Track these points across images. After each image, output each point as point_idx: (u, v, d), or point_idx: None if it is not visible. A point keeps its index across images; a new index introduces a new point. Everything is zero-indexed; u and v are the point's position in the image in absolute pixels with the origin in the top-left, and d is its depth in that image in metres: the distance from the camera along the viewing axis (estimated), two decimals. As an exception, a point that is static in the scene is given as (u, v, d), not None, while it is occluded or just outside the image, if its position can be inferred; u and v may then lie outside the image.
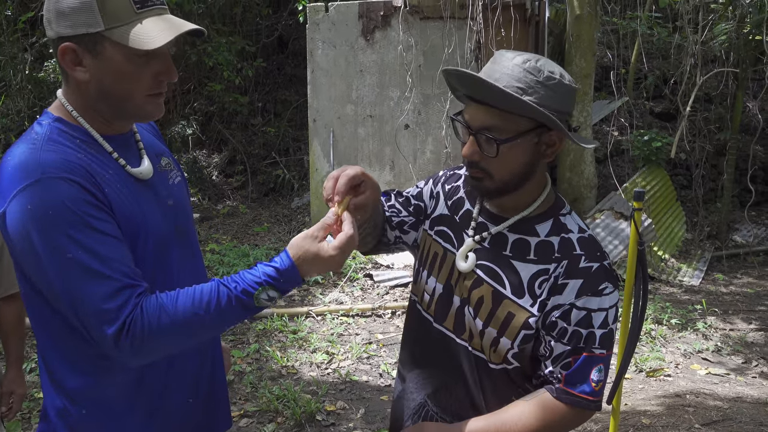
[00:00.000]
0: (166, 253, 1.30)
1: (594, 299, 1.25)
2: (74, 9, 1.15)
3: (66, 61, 1.19)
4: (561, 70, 1.26)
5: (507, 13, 6.19)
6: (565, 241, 1.30)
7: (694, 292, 6.08)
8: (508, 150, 1.24)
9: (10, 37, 9.74)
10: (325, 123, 6.96)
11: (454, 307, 1.39)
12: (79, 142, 1.22)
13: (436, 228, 1.47)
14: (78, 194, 1.13)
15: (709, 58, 8.25)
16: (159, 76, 1.23)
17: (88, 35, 1.16)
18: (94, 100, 1.23)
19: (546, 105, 1.21)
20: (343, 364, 4.34)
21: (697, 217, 7.83)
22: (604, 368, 1.27)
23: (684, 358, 4.54)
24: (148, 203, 1.28)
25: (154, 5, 1.20)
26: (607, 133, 8.38)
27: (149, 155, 1.35)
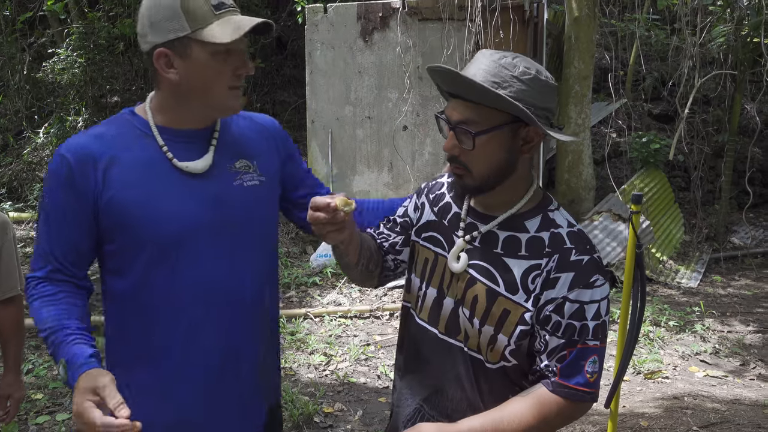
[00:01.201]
0: (193, 239, 1.43)
1: (586, 291, 1.27)
2: (164, 18, 1.34)
3: (160, 64, 1.38)
4: (538, 67, 1.28)
5: (506, 14, 6.19)
6: (555, 235, 1.31)
7: (692, 293, 6.08)
8: (485, 143, 1.27)
9: (8, 38, 9.73)
10: (324, 124, 6.96)
11: (447, 309, 1.39)
12: (134, 130, 1.44)
13: (424, 235, 1.48)
14: (56, 176, 1.40)
15: (707, 60, 8.26)
16: (237, 71, 1.40)
17: (177, 39, 1.35)
18: (184, 98, 1.42)
19: (521, 99, 1.24)
20: (341, 365, 4.33)
21: (695, 219, 7.83)
22: (599, 359, 1.29)
23: (682, 360, 4.54)
24: (182, 194, 1.42)
25: (229, 8, 1.38)
26: (606, 134, 8.39)
27: (223, 154, 1.48)
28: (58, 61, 9.13)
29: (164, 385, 1.47)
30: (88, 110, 9.27)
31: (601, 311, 1.29)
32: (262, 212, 1.54)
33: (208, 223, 1.44)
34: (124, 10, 8.96)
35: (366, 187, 6.94)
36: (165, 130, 1.45)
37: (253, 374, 1.55)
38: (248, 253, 1.51)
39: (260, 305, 1.56)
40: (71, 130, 9.11)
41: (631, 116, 8.58)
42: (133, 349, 1.47)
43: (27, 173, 9.30)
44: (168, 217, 1.40)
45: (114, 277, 1.47)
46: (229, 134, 1.53)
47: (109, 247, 1.45)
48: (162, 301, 1.43)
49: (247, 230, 1.50)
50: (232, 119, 1.56)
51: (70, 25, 9.24)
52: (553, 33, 7.80)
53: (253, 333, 1.54)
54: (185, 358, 1.45)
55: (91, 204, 1.40)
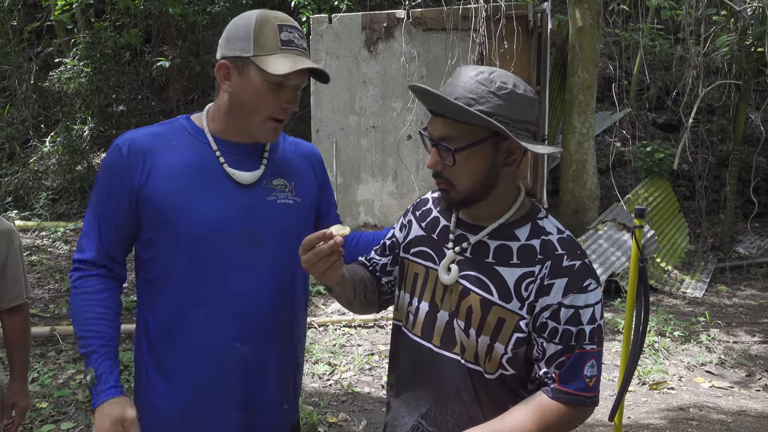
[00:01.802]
0: (220, 243, 1.52)
1: (580, 296, 1.29)
2: (237, 38, 1.48)
3: (220, 74, 1.52)
4: (516, 81, 1.30)
5: (510, 24, 6.22)
6: (546, 242, 1.33)
7: (697, 303, 6.06)
8: (465, 158, 1.29)
9: (15, 47, 9.80)
10: (328, 133, 6.98)
11: (442, 322, 1.39)
12: (187, 134, 1.56)
13: (412, 250, 1.49)
14: (111, 167, 1.53)
15: (711, 69, 8.26)
16: (284, 103, 1.50)
17: (240, 57, 1.47)
18: (229, 110, 1.54)
19: (498, 114, 1.26)
20: (345, 375, 4.33)
21: (700, 228, 7.82)
22: (596, 363, 1.30)
23: (687, 371, 4.53)
24: (223, 198, 1.52)
25: (296, 47, 1.49)
26: (610, 144, 8.40)
27: (266, 170, 1.59)
28: (64, 71, 9.20)
29: (178, 377, 1.55)
30: (94, 119, 9.34)
31: (596, 315, 1.30)
32: (291, 230, 1.60)
33: (234, 231, 1.52)
34: (130, 20, 9.03)
35: (370, 197, 6.95)
36: (217, 139, 1.57)
37: (273, 381, 1.61)
38: (269, 265, 1.56)
39: (278, 318, 1.60)
40: (77, 138, 9.17)
41: (635, 125, 8.58)
42: (159, 331, 1.56)
43: (33, 182, 9.36)
44: (202, 217, 1.50)
45: (147, 265, 1.57)
46: (277, 154, 1.64)
47: (146, 236, 1.55)
48: (188, 297, 1.52)
49: (272, 244, 1.57)
50: (280, 140, 1.68)
51: (77, 34, 9.32)
52: (556, 43, 7.83)
53: (264, 341, 1.59)
54: (204, 350, 1.53)
55: (135, 193, 1.51)
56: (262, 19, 1.47)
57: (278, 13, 1.50)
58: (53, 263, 6.84)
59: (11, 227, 2.18)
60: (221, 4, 8.08)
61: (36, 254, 7.14)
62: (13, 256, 2.15)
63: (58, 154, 9.26)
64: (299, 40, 1.50)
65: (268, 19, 1.47)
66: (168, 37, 9.78)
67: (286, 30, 1.48)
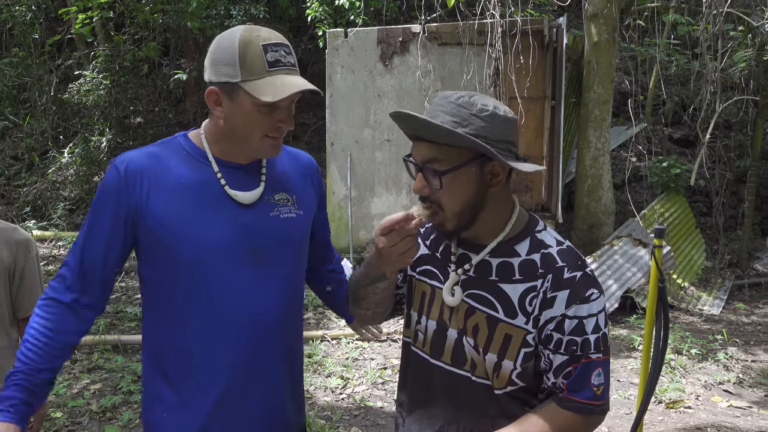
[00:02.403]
0: (228, 262, 1.51)
1: (583, 306, 1.30)
2: (222, 62, 1.44)
3: (210, 100, 1.49)
4: (496, 103, 1.32)
5: (525, 39, 6.23)
6: (546, 256, 1.35)
7: (714, 321, 5.99)
8: (451, 181, 1.31)
9: (37, 60, 9.97)
10: (343, 146, 7.01)
11: (451, 340, 1.41)
12: (185, 154, 1.54)
13: (419, 269, 1.51)
14: (111, 181, 1.50)
15: (728, 85, 8.21)
16: (278, 123, 1.48)
17: (229, 83, 1.44)
18: (225, 133, 1.51)
19: (481, 135, 1.28)
20: (358, 389, 4.32)
21: (717, 244, 7.73)
22: (603, 372, 1.32)
23: (705, 390, 4.46)
24: (225, 218, 1.51)
25: (284, 66, 1.45)
26: (625, 159, 8.35)
27: (266, 186, 1.57)
28: (84, 83, 9.33)
29: (187, 395, 1.54)
30: (111, 131, 9.45)
31: (600, 324, 1.32)
32: (294, 243, 1.62)
33: (236, 249, 1.51)
34: (149, 33, 9.16)
35: (384, 210, 6.95)
36: (217, 159, 1.55)
37: (274, 396, 1.61)
38: (275, 280, 1.57)
39: (284, 330, 1.61)
40: (95, 150, 9.28)
41: (651, 141, 8.53)
42: (168, 353, 1.55)
43: (51, 192, 9.47)
44: (204, 240, 1.48)
45: (151, 286, 1.56)
46: (275, 169, 1.63)
47: (146, 257, 1.54)
48: (190, 318, 1.52)
49: (276, 259, 1.57)
50: (278, 156, 1.64)
51: (97, 47, 9.46)
52: (572, 58, 7.82)
53: (274, 356, 1.60)
54: (209, 371, 1.53)
55: (132, 213, 1.49)
56: (246, 42, 1.42)
57: (261, 31, 1.45)
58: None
59: (28, 237, 2.21)
60: (238, 18, 8.17)
61: (53, 264, 7.20)
62: (30, 266, 2.18)
63: (76, 165, 9.37)
64: (286, 57, 1.46)
65: (251, 41, 1.42)
66: (186, 51, 9.90)
67: (271, 50, 1.43)
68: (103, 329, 5.08)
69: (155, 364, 1.58)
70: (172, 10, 8.34)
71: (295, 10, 9.46)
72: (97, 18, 8.57)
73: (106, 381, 4.30)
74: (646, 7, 7.99)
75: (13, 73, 10.26)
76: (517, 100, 6.38)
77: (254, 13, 8.37)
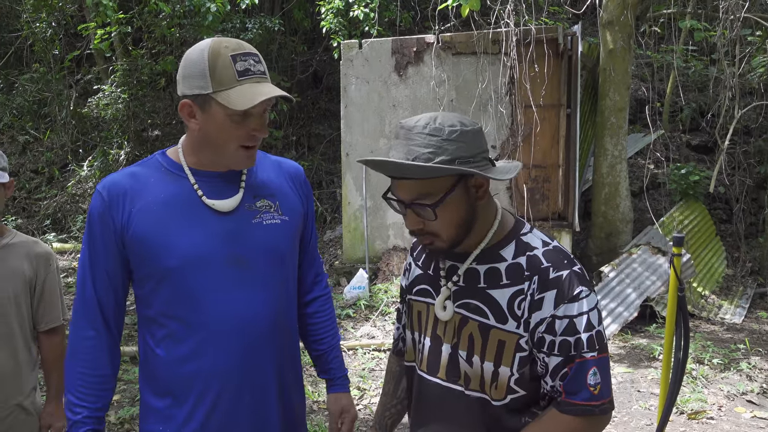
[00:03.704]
0: (210, 270, 1.53)
1: (572, 305, 1.29)
2: (193, 75, 1.47)
3: (184, 113, 1.51)
4: (460, 119, 1.32)
5: (540, 48, 6.21)
6: (531, 258, 1.34)
7: (736, 330, 5.89)
8: (444, 210, 1.31)
9: (56, 75, 10.12)
10: (358, 157, 7.03)
11: (445, 355, 1.42)
12: (164, 170, 1.57)
13: (414, 290, 1.53)
14: (94, 212, 1.55)
15: (746, 90, 8.12)
16: (252, 131, 1.50)
17: (201, 95, 1.46)
18: (200, 145, 1.54)
19: (459, 156, 1.28)
20: (375, 400, 4.30)
21: (738, 252, 7.62)
22: (599, 370, 1.30)
23: (727, 400, 4.38)
24: (205, 227, 1.53)
25: (254, 75, 1.47)
26: (643, 166, 8.27)
27: (247, 194, 1.59)
28: (102, 97, 9.46)
29: (180, 405, 1.56)
30: (130, 144, 9.56)
31: (593, 321, 1.30)
32: (280, 249, 1.62)
33: (217, 257, 1.53)
34: (166, 47, 9.27)
35: (400, 219, 6.95)
36: (194, 171, 1.57)
37: (266, 405, 1.62)
38: (261, 288, 1.58)
39: (276, 336, 1.62)
40: (113, 163, 9.39)
41: (669, 147, 8.45)
42: (160, 364, 1.57)
43: (70, 205, 9.59)
44: (184, 249, 1.51)
45: (142, 304, 1.59)
46: (256, 176, 1.64)
47: (136, 275, 1.57)
48: (183, 330, 1.54)
49: (261, 266, 1.58)
50: (259, 161, 1.66)
51: (115, 62, 9.59)
52: (587, 65, 7.79)
53: (268, 362, 1.61)
54: (200, 381, 1.55)
55: (120, 235, 1.53)
56: (215, 53, 1.45)
57: (230, 42, 1.47)
58: (88, 285, 6.96)
59: (49, 250, 2.23)
60: (254, 31, 8.25)
61: (72, 276, 7.28)
62: (50, 279, 2.20)
63: (95, 178, 9.49)
64: (256, 65, 1.48)
65: (220, 52, 1.45)
66: (202, 64, 9.99)
67: (240, 59, 1.45)
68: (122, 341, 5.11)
69: (149, 376, 1.60)
70: (189, 24, 8.44)
71: (310, 22, 9.53)
72: (116, 33, 8.70)
73: (124, 392, 4.32)
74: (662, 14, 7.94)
75: (33, 89, 10.43)
76: (532, 108, 6.35)
77: (269, 25, 8.45)
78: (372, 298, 6.27)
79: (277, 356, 1.62)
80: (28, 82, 10.51)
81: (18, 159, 10.81)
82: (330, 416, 1.80)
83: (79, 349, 1.58)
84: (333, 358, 1.85)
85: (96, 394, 1.57)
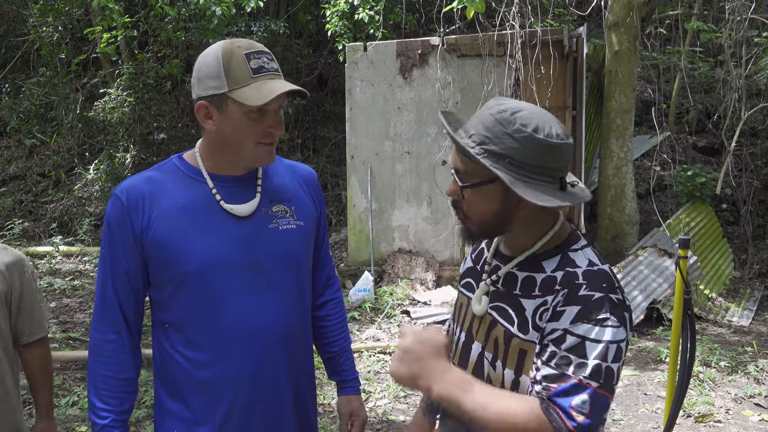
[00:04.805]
0: (227, 275, 1.53)
1: (592, 328, 1.17)
2: (208, 76, 1.48)
3: (200, 115, 1.52)
4: (540, 124, 1.22)
5: (545, 50, 6.20)
6: (569, 273, 1.27)
7: (743, 332, 5.85)
8: (472, 195, 1.28)
9: (63, 79, 10.17)
10: (363, 159, 7.03)
11: (475, 354, 1.40)
12: (181, 174, 1.57)
13: (462, 282, 1.52)
14: (113, 216, 1.53)
15: (753, 92, 8.08)
16: (269, 128, 1.50)
17: (217, 96, 1.47)
18: (218, 146, 1.54)
19: (512, 156, 1.21)
20: (380, 402, 4.29)
21: (745, 254, 7.58)
22: (590, 403, 1.14)
23: (735, 403, 4.35)
24: (223, 231, 1.53)
25: (268, 72, 1.49)
26: (649, 168, 8.25)
27: (263, 198, 1.60)
28: (108, 100, 9.50)
29: (197, 409, 1.56)
30: (136, 147, 9.59)
31: (608, 355, 1.16)
32: (295, 254, 1.63)
33: (234, 262, 1.54)
34: (171, 51, 9.30)
35: (405, 222, 6.95)
36: (212, 175, 1.57)
37: (281, 409, 1.62)
38: (277, 292, 1.59)
39: (292, 341, 1.63)
40: (119, 166, 9.42)
41: (675, 149, 8.42)
42: (176, 368, 1.58)
43: (77, 208, 9.62)
44: (202, 254, 1.51)
45: (160, 308, 1.59)
46: (271, 180, 1.65)
47: (154, 279, 1.57)
48: (201, 334, 1.54)
49: (278, 271, 1.59)
50: (274, 166, 1.67)
51: (121, 66, 9.62)
52: (592, 67, 7.77)
53: (283, 367, 1.61)
54: (216, 385, 1.55)
55: (139, 239, 1.52)
56: (228, 53, 1.47)
57: (242, 42, 1.50)
58: (94, 288, 6.97)
59: (20, 256, 2.05)
60: (259, 34, 8.26)
61: (78, 279, 7.30)
62: (27, 288, 2.02)
63: (101, 181, 9.52)
64: (269, 63, 1.50)
65: (233, 52, 1.47)
66: (208, 67, 10.02)
67: (254, 57, 1.47)
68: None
69: (165, 379, 1.60)
70: (194, 27, 8.47)
71: (315, 25, 9.55)
72: (122, 37, 8.73)
73: (130, 395, 4.33)
74: (667, 15, 7.92)
75: (40, 93, 10.48)
76: (537, 110, 6.33)
77: (274, 28, 8.46)
78: (377, 300, 6.26)
79: (292, 360, 1.63)
80: (35, 86, 10.56)
81: (25, 162, 10.86)
82: (341, 418, 1.80)
83: (102, 352, 1.57)
84: (345, 360, 1.85)
85: (121, 397, 1.57)
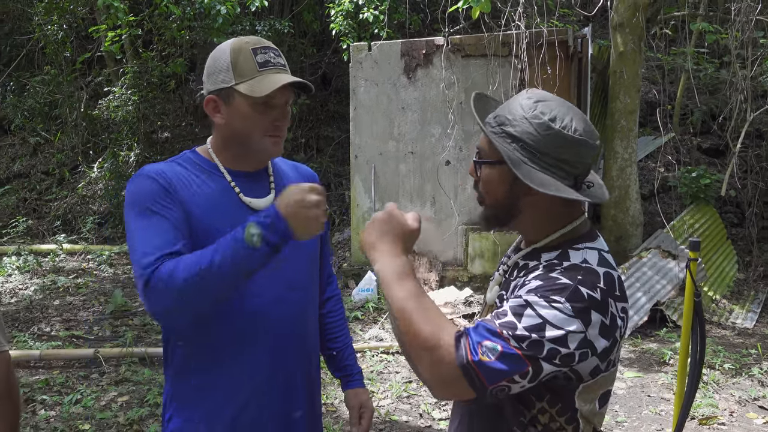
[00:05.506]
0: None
1: (539, 301, 1.14)
2: (217, 70, 1.54)
3: (209, 109, 1.57)
4: (561, 115, 1.23)
5: (550, 50, 6.19)
6: (552, 263, 1.26)
7: (747, 335, 5.83)
8: (485, 173, 1.31)
9: (67, 77, 10.19)
10: (367, 159, 7.02)
11: None
12: (198, 167, 1.58)
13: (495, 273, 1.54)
14: (151, 189, 1.48)
15: (758, 93, 8.06)
16: (275, 122, 1.55)
17: (224, 89, 1.53)
18: (228, 140, 1.58)
19: (525, 141, 1.23)
20: (383, 402, 4.28)
21: (750, 256, 7.55)
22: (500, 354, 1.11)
23: (739, 406, 4.34)
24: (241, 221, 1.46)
25: (274, 66, 1.54)
26: (653, 169, 8.23)
27: (278, 194, 1.52)
28: (113, 99, 9.51)
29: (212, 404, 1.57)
30: (139, 145, 9.60)
31: (546, 333, 1.13)
32: (306, 251, 1.67)
33: None
34: (176, 50, 9.30)
35: (409, 222, 6.93)
36: (228, 170, 1.60)
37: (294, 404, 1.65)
38: (291, 289, 1.62)
39: (307, 333, 1.68)
40: (123, 164, 9.43)
41: (680, 150, 8.40)
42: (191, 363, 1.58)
43: (81, 206, 9.64)
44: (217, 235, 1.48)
45: None
46: (281, 180, 1.69)
47: None
48: (212, 328, 1.55)
49: (297, 264, 1.63)
50: (280, 164, 1.73)
51: (126, 64, 9.64)
52: (597, 68, 7.75)
53: (299, 361, 1.65)
54: (232, 381, 1.57)
55: (185, 209, 1.49)
56: (237, 48, 1.53)
57: (250, 38, 1.56)
58: (98, 286, 7.00)
59: None
60: (263, 33, 8.26)
61: (82, 277, 7.31)
62: None
63: (105, 180, 9.54)
64: (276, 58, 1.55)
65: (242, 47, 1.53)
66: (212, 66, 10.02)
67: (261, 52, 1.53)
68: (131, 342, 5.13)
69: (179, 372, 1.61)
70: (199, 26, 8.48)
71: (319, 25, 9.54)
72: (126, 36, 8.74)
73: (133, 393, 4.33)
74: (673, 16, 7.90)
75: (44, 91, 10.50)
76: (542, 111, 6.32)
77: (279, 28, 8.46)
78: (380, 300, 6.26)
79: (307, 355, 1.67)
80: (40, 84, 10.58)
81: (29, 160, 10.89)
82: (350, 411, 1.83)
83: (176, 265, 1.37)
84: (348, 355, 1.87)
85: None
